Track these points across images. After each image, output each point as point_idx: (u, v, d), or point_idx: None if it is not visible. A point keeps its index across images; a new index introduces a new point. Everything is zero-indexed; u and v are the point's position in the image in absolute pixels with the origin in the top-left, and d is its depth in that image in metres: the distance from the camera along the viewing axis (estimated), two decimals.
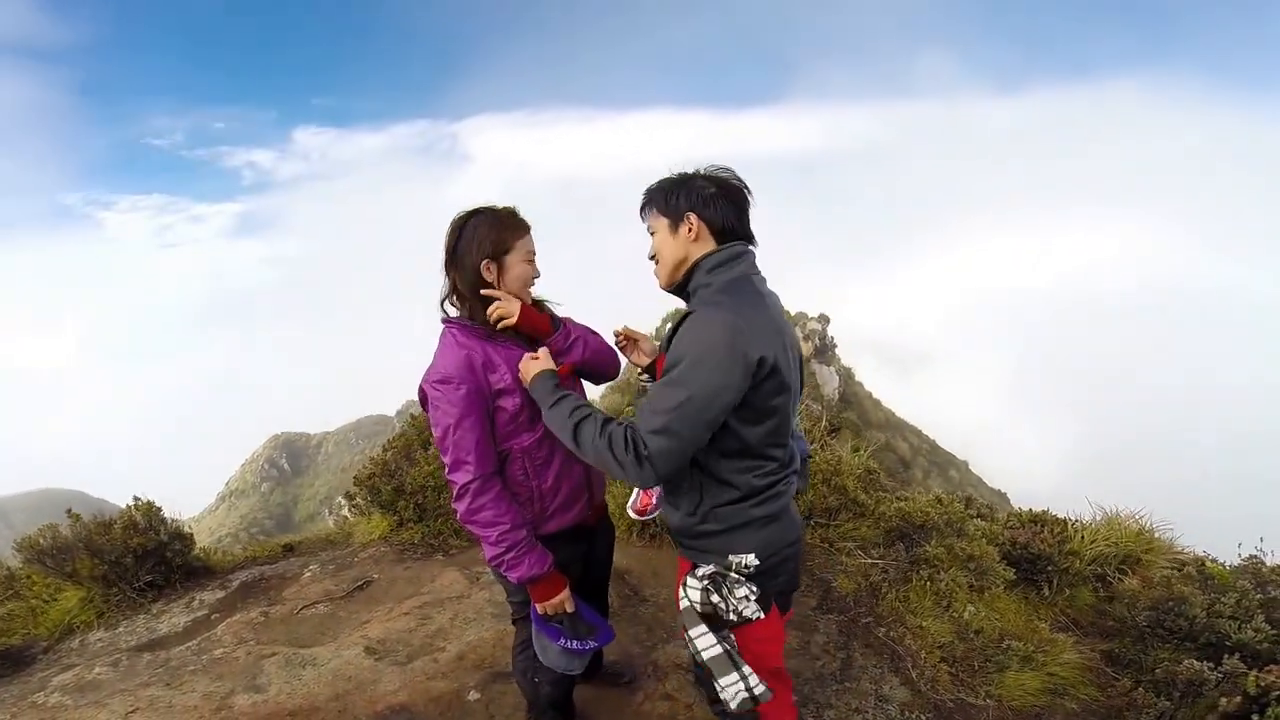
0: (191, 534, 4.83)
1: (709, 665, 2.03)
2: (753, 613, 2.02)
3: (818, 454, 5.11)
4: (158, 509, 4.60)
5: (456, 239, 2.24)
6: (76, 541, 4.30)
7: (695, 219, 2.03)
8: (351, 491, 5.60)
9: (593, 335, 2.47)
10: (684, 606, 2.08)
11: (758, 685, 2.01)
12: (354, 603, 4.23)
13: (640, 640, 3.63)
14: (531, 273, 2.29)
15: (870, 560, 4.29)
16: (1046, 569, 4.10)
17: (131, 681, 3.53)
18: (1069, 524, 4.48)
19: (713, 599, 2.03)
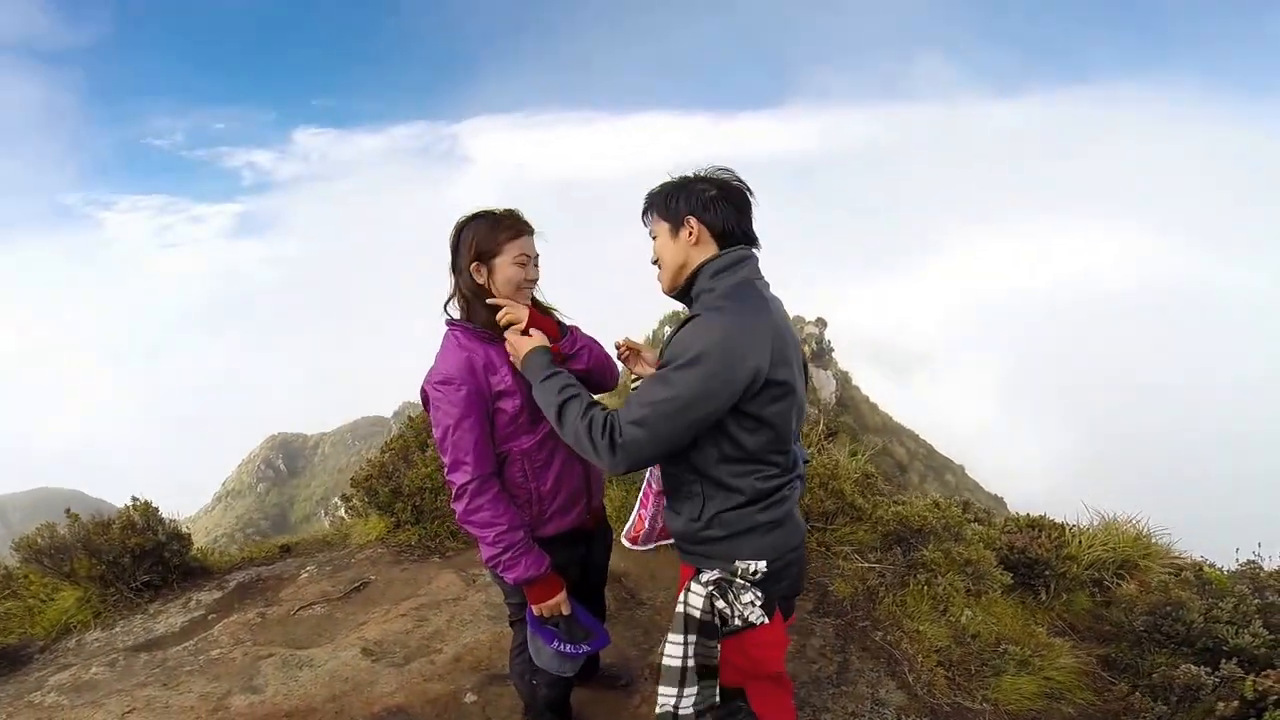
0: (189, 534, 4.83)
1: (662, 669, 2.04)
2: (757, 618, 2.00)
3: (815, 458, 5.11)
4: (155, 509, 4.60)
5: (456, 241, 2.25)
6: (74, 541, 4.29)
7: (695, 223, 2.01)
8: (348, 493, 5.59)
9: (597, 345, 2.48)
10: (679, 610, 2.06)
11: (685, 711, 2.02)
12: (351, 604, 4.22)
13: (637, 643, 3.63)
14: (522, 275, 2.24)
15: (867, 564, 4.30)
16: (1044, 574, 4.10)
17: (128, 682, 3.53)
18: (1066, 529, 4.48)
19: (717, 605, 2.01)
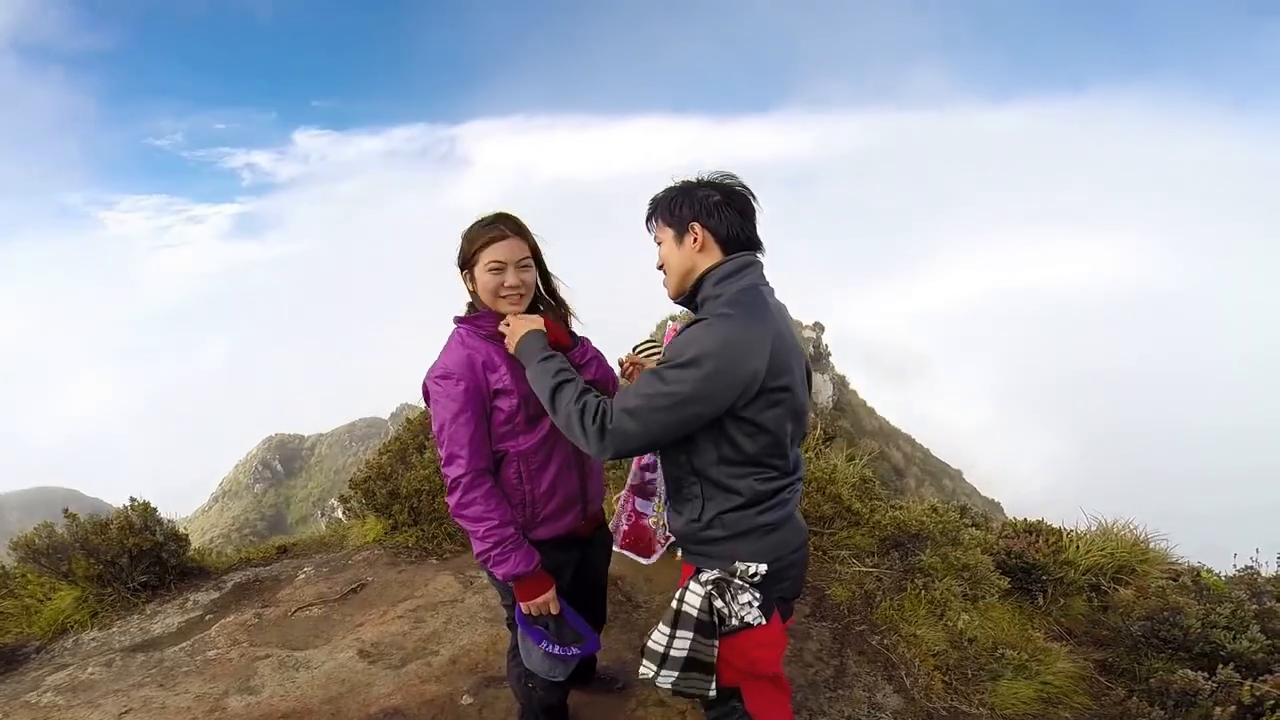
0: (187, 535, 4.83)
1: (645, 648, 2.10)
2: (755, 618, 2.01)
3: (812, 462, 5.12)
4: (154, 510, 4.59)
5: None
6: (72, 541, 4.28)
7: (700, 228, 2.02)
8: (346, 494, 5.59)
9: (605, 358, 2.53)
10: (673, 605, 2.07)
11: (664, 684, 2.07)
12: (348, 605, 4.22)
13: (633, 646, 3.63)
14: (497, 282, 2.23)
15: (865, 569, 4.30)
16: (1041, 578, 4.10)
17: (125, 682, 3.52)
18: (1064, 534, 4.48)
19: (716, 604, 2.02)
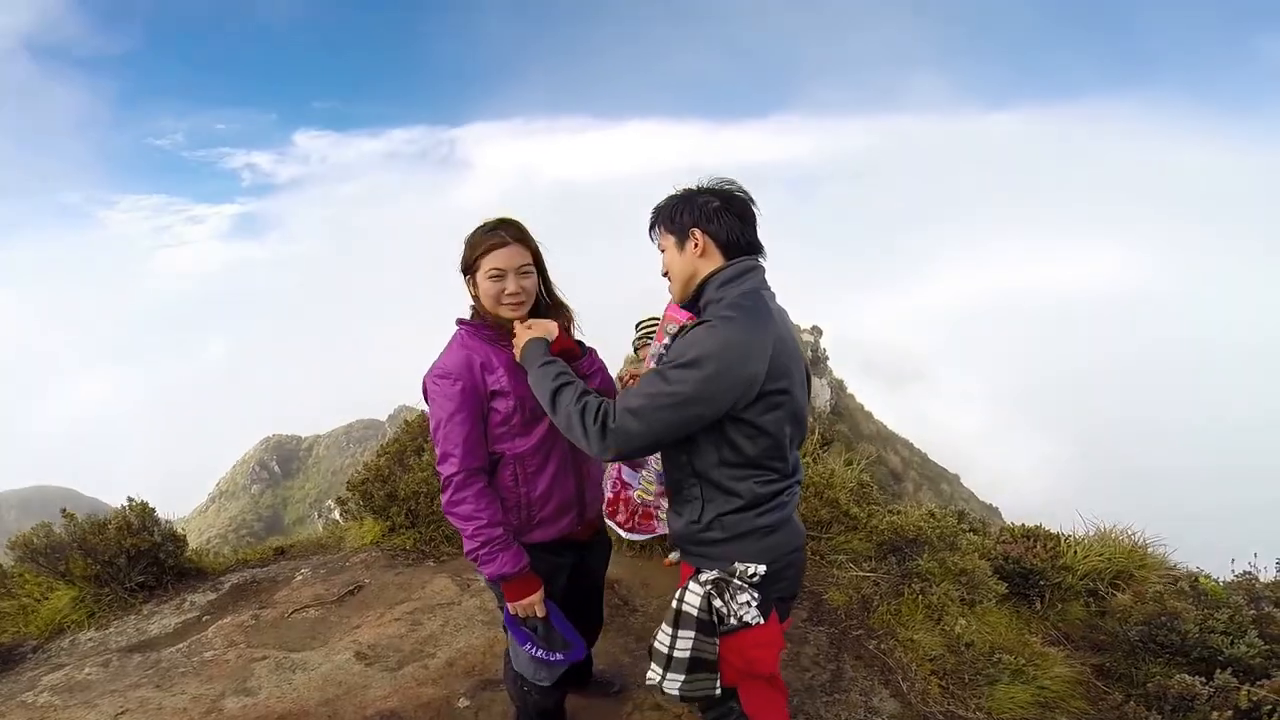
0: (184, 536, 4.82)
1: (652, 650, 2.14)
2: (753, 618, 2.05)
3: (810, 467, 5.12)
4: (152, 510, 4.59)
5: None
6: (70, 541, 4.28)
7: (700, 234, 2.07)
8: (344, 496, 5.59)
9: (608, 372, 2.56)
10: (673, 605, 2.12)
11: (671, 690, 2.11)
12: (345, 607, 4.21)
13: (630, 650, 3.63)
14: (498, 289, 2.26)
15: (862, 573, 4.30)
16: (1039, 583, 4.10)
17: (121, 682, 3.52)
18: (1061, 539, 4.48)
19: (714, 604, 2.06)
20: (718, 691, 2.13)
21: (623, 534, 4.00)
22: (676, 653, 2.09)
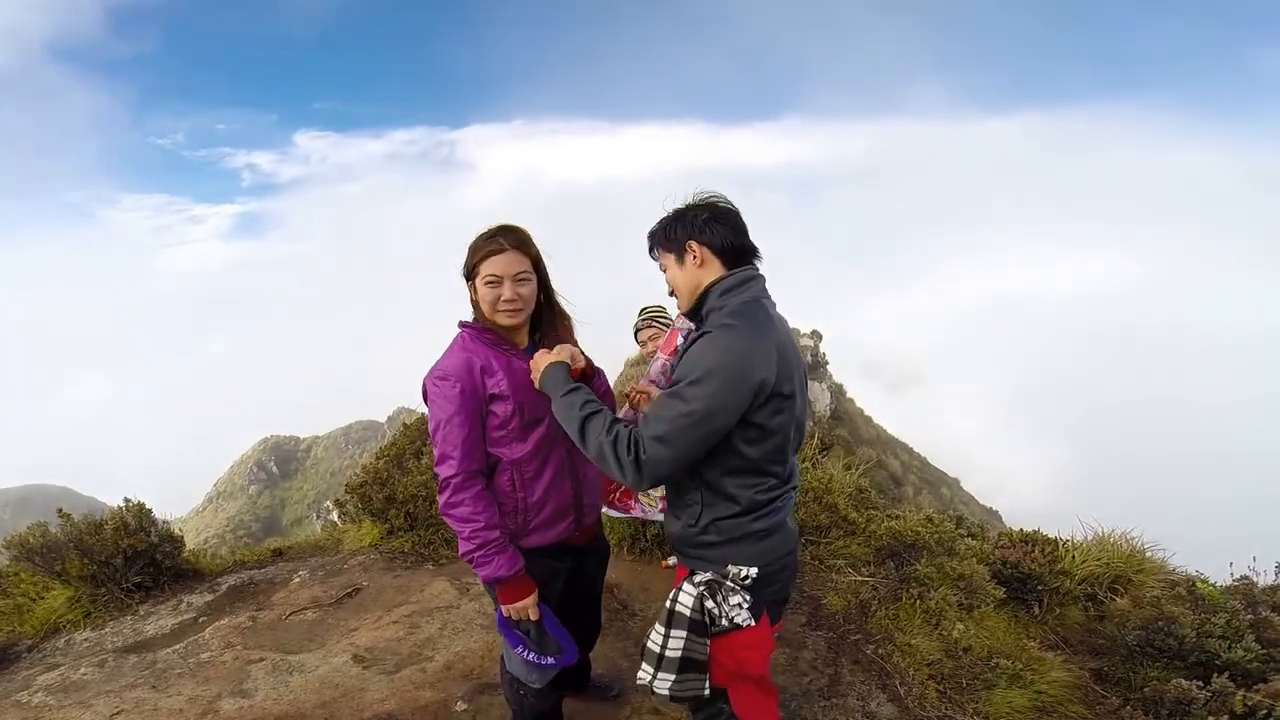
0: (182, 537, 4.81)
1: (645, 649, 2.20)
2: (744, 620, 2.10)
3: (809, 472, 5.13)
4: (149, 511, 4.59)
5: None
6: (66, 541, 4.27)
7: (696, 246, 2.13)
8: (342, 499, 5.58)
9: (611, 393, 2.60)
10: (666, 605, 2.18)
11: (661, 690, 2.16)
12: (342, 610, 4.21)
13: (628, 654, 3.62)
14: (495, 296, 2.27)
15: (860, 578, 4.30)
16: (1037, 588, 4.11)
17: (117, 683, 3.51)
18: (1060, 544, 4.49)
19: (707, 605, 2.12)
20: (706, 692, 2.18)
21: (603, 508, 3.99)
22: (668, 652, 2.15)
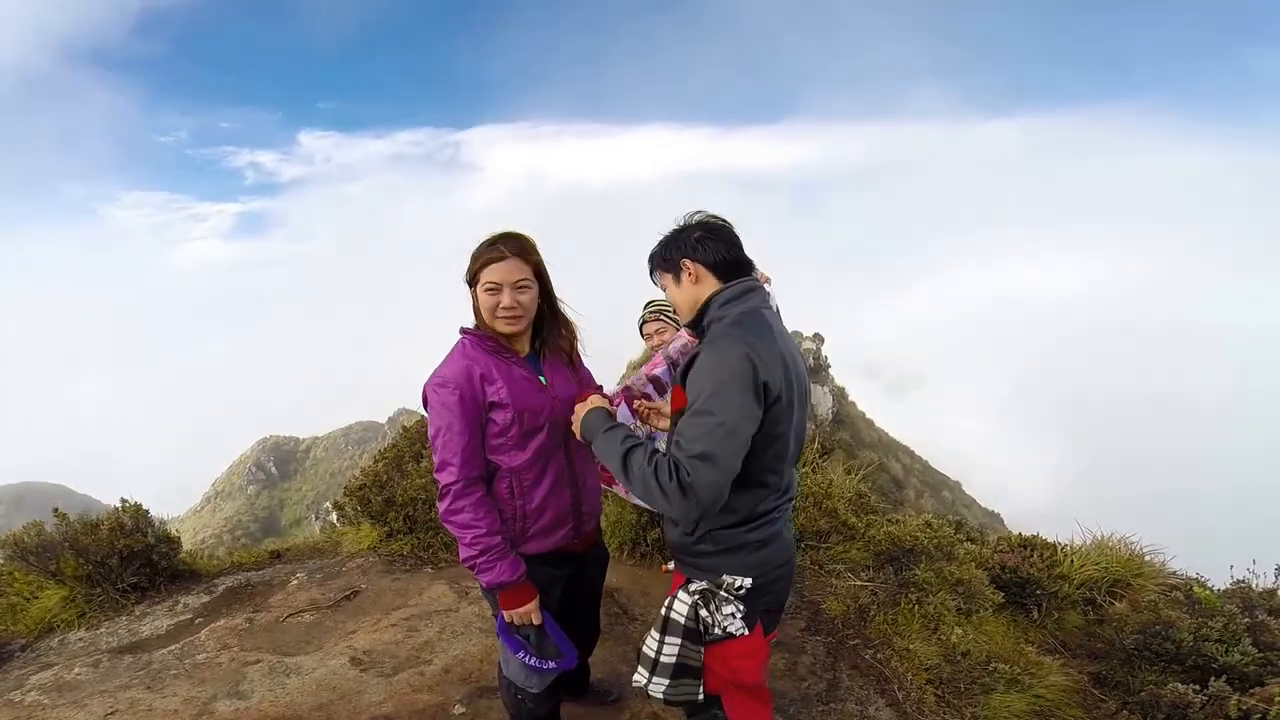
0: (178, 537, 4.80)
1: (640, 654, 2.23)
2: (737, 629, 2.12)
3: (809, 476, 5.13)
4: (145, 511, 4.58)
5: None
6: (61, 540, 4.26)
7: (691, 264, 2.18)
8: (341, 501, 5.57)
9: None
10: (661, 612, 2.20)
11: (656, 694, 2.18)
12: (340, 612, 4.19)
13: (628, 659, 3.61)
14: (494, 303, 2.27)
15: (859, 583, 4.30)
16: (1035, 593, 4.11)
17: (111, 683, 3.49)
18: (1059, 548, 4.49)
19: (701, 613, 2.13)
20: (700, 697, 2.20)
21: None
22: (663, 658, 2.17)
